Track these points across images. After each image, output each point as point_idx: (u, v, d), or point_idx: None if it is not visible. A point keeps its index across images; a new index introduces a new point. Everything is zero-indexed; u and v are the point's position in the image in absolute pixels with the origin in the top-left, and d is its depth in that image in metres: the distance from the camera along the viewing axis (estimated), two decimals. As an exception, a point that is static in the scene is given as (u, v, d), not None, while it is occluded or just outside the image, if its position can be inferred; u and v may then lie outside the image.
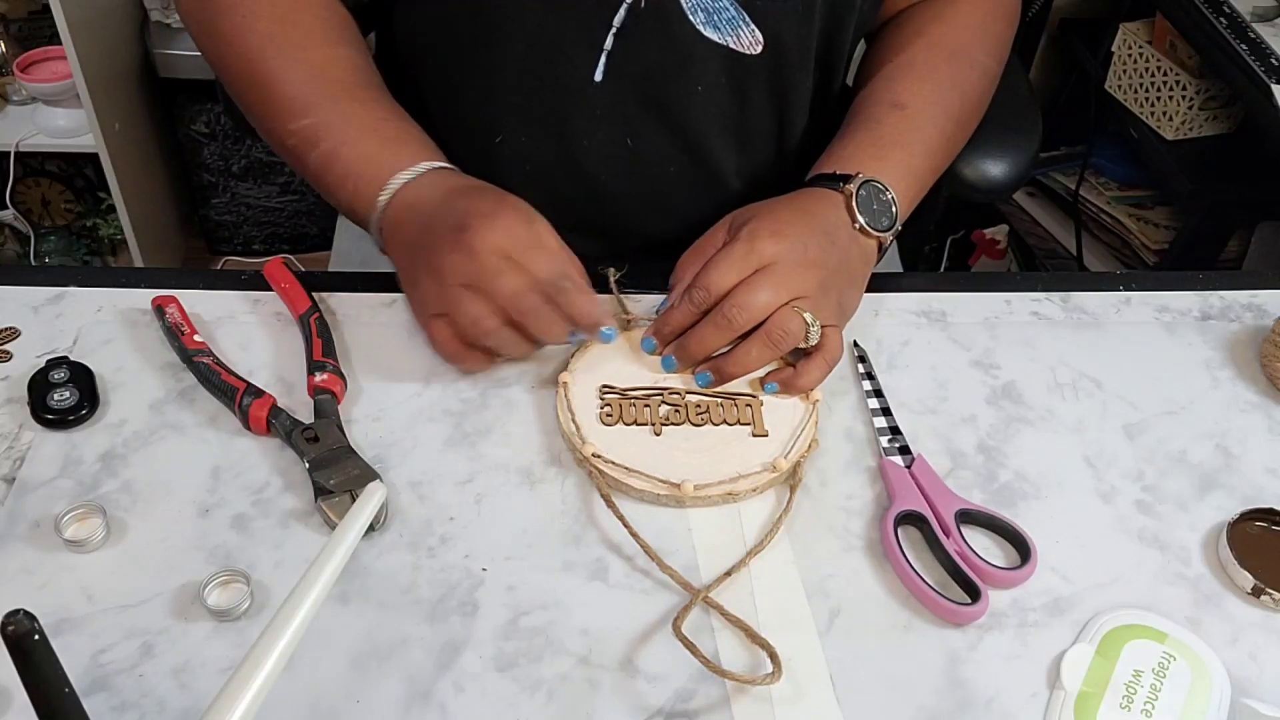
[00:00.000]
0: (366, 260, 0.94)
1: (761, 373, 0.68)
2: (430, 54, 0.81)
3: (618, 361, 0.70)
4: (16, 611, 0.36)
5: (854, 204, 0.70)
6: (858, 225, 0.70)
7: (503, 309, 0.64)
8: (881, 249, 0.73)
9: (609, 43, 0.74)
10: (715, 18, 0.73)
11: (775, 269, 0.65)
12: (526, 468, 0.64)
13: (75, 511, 0.59)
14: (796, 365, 0.68)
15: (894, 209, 0.72)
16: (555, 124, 0.78)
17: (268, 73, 0.72)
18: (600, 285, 0.73)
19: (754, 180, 0.84)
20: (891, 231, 0.72)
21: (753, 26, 0.74)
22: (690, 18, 0.73)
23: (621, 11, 0.73)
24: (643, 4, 0.72)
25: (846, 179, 0.71)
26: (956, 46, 0.81)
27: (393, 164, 0.69)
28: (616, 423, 0.66)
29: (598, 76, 0.75)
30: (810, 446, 0.65)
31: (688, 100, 0.77)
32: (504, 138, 0.79)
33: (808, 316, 0.65)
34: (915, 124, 0.76)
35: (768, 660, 0.54)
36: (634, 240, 0.73)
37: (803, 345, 0.67)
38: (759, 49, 0.75)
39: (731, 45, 0.75)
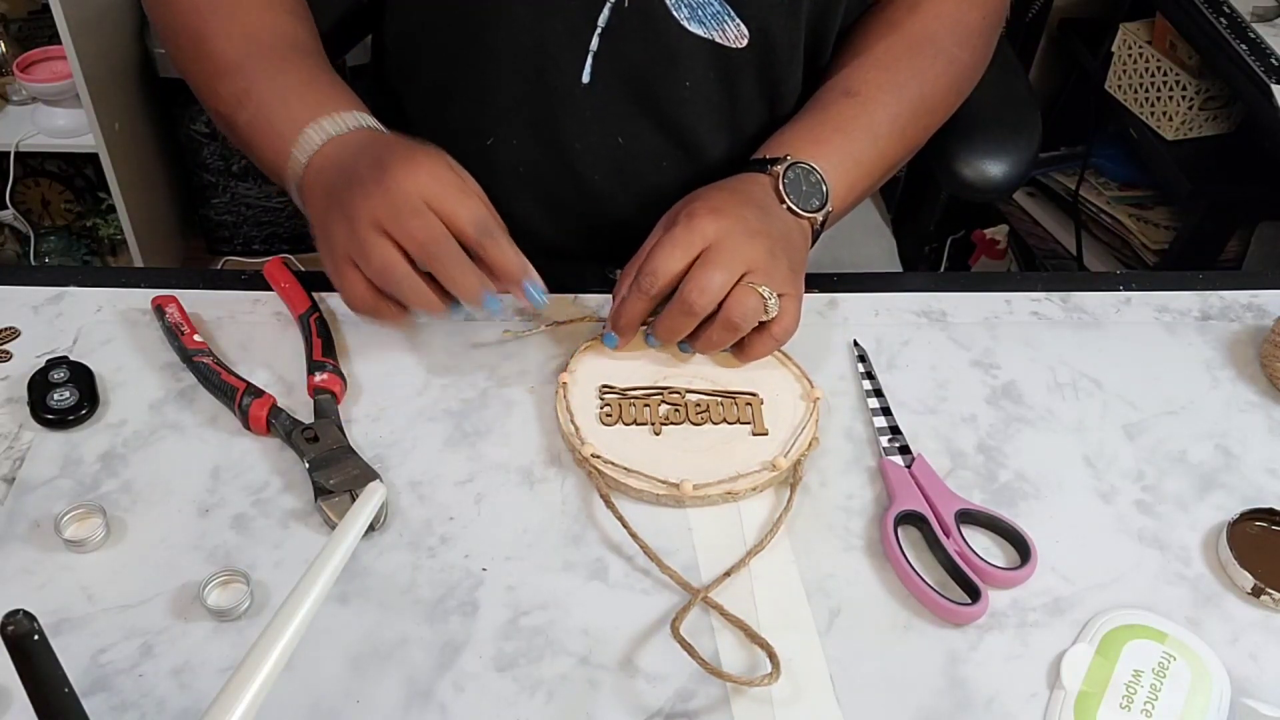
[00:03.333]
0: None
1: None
2: (420, 58, 0.81)
3: (618, 361, 0.70)
4: (16, 611, 0.36)
5: (781, 185, 0.71)
6: (785, 206, 0.71)
7: (415, 255, 0.61)
8: (815, 231, 0.73)
9: (595, 43, 0.74)
10: (700, 12, 0.73)
11: (722, 244, 0.65)
12: (526, 468, 0.64)
13: (75, 511, 0.59)
14: (746, 337, 0.68)
15: (824, 189, 0.72)
16: (546, 127, 0.78)
17: (201, 34, 0.72)
18: (607, 287, 0.73)
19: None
20: (823, 214, 0.72)
21: (738, 20, 0.74)
22: (675, 13, 0.73)
23: (605, 11, 0.73)
24: (627, 2, 0.72)
25: (776, 161, 0.72)
26: (923, 36, 0.80)
27: (315, 119, 0.67)
28: (616, 422, 0.66)
29: (585, 78, 0.75)
30: (811, 445, 0.65)
31: (677, 96, 0.77)
32: (495, 141, 0.79)
33: (763, 290, 0.65)
34: (864, 110, 0.76)
35: (767, 660, 0.54)
36: (629, 239, 0.73)
37: (764, 319, 0.67)
38: (744, 42, 0.75)
39: (717, 39, 0.75)
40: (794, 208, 0.71)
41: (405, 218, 0.61)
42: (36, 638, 0.36)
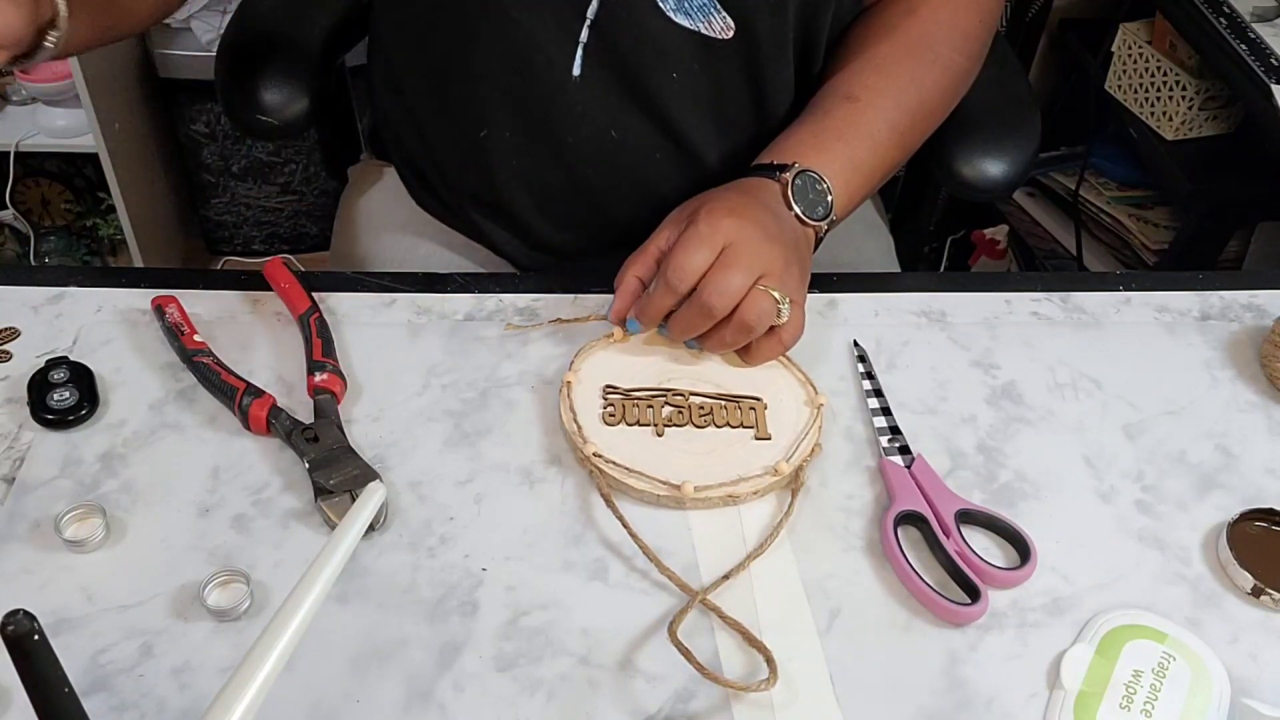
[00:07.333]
0: (366, 260, 0.94)
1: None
2: (413, 51, 0.81)
3: (622, 362, 0.70)
4: (16, 611, 0.36)
5: (789, 193, 0.71)
6: (793, 213, 0.71)
7: None
8: (818, 239, 0.73)
9: (584, 35, 0.74)
10: (686, 4, 0.74)
11: (740, 245, 0.65)
12: (526, 468, 0.64)
13: (75, 511, 0.59)
14: (754, 341, 0.68)
15: (829, 199, 0.72)
16: (538, 120, 0.79)
17: None
18: (609, 286, 0.73)
19: (737, 165, 0.84)
20: (827, 222, 0.72)
21: (723, 13, 0.75)
22: (661, 5, 0.74)
23: (594, 3, 0.73)
24: None
25: (784, 168, 0.72)
26: (921, 41, 0.80)
27: None
28: (619, 423, 0.66)
29: (576, 71, 0.76)
30: (813, 451, 0.65)
31: (666, 88, 0.77)
32: (489, 132, 0.80)
33: (776, 294, 0.66)
34: (864, 117, 0.76)
35: (765, 663, 0.54)
36: (622, 231, 0.73)
37: (775, 323, 0.67)
38: (730, 34, 0.76)
39: (703, 30, 0.75)
40: (801, 215, 0.71)
41: None
42: (36, 638, 0.36)
